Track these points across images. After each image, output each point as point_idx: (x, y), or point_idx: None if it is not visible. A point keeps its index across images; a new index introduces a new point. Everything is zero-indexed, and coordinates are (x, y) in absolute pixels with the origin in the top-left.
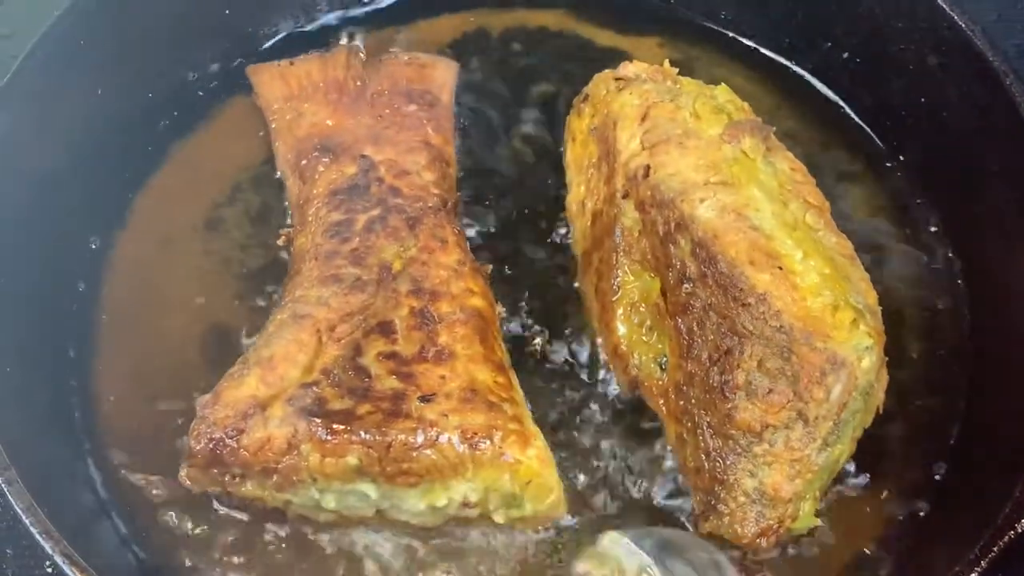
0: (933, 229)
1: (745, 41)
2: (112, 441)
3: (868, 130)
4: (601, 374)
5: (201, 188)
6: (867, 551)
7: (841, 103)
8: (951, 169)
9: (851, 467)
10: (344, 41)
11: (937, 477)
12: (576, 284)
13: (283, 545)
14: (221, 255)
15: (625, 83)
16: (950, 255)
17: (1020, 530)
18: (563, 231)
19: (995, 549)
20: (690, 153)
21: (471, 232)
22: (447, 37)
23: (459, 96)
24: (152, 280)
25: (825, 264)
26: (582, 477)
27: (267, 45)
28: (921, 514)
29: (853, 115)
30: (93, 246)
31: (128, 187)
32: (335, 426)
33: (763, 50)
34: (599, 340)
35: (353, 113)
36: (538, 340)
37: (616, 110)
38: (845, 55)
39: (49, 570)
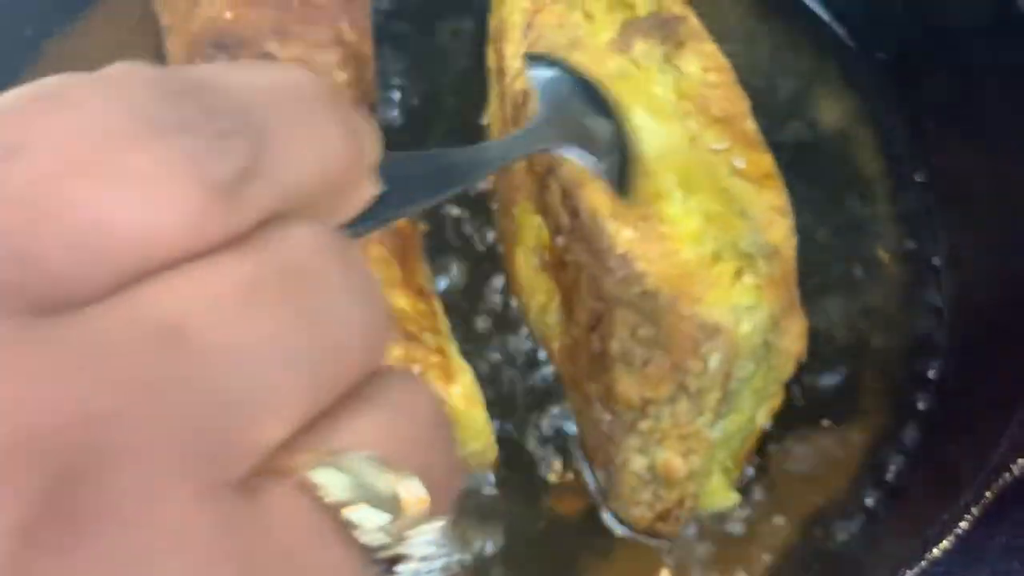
0: (907, 136)
1: None
2: None
3: (837, 29)
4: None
5: None
6: (825, 512)
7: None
8: (929, 69)
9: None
10: None
11: (913, 426)
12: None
13: None
14: None
15: None
16: (924, 166)
17: (1017, 473)
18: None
19: (987, 494)
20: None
21: (386, 141)
22: None
23: None
24: None
25: (714, 199)
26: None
27: None
28: (892, 467)
29: (821, 11)
30: None
31: None
32: None
33: None
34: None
35: (256, 5)
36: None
37: (506, 17)
38: None
39: None
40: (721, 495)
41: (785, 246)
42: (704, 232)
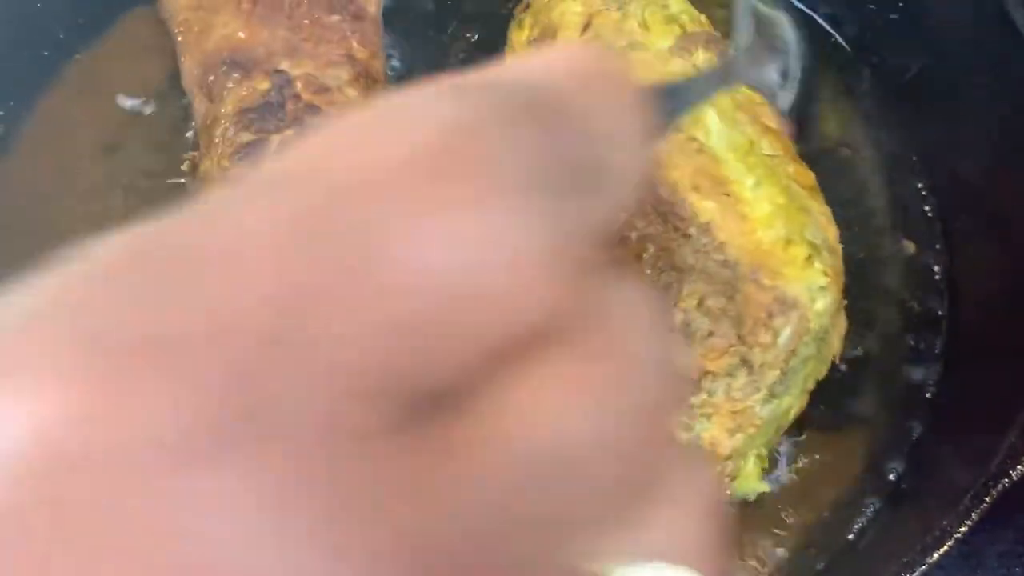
0: (908, 146)
1: None
2: None
3: (839, 39)
4: None
5: (99, 110)
6: (829, 515)
7: (810, 10)
8: (928, 80)
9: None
10: None
11: (913, 433)
12: None
13: None
14: (122, 183)
15: None
16: (924, 181)
17: (1016, 479)
18: None
19: (987, 499)
20: (635, 66)
21: None
22: None
23: (387, 6)
24: (46, 211)
25: (780, 193)
26: None
27: None
28: (893, 475)
29: (823, 22)
30: None
31: (16, 110)
32: None
33: None
34: None
35: (268, 24)
36: None
37: (556, 19)
38: None
39: None
40: (753, 481)
41: (838, 249)
42: (775, 217)
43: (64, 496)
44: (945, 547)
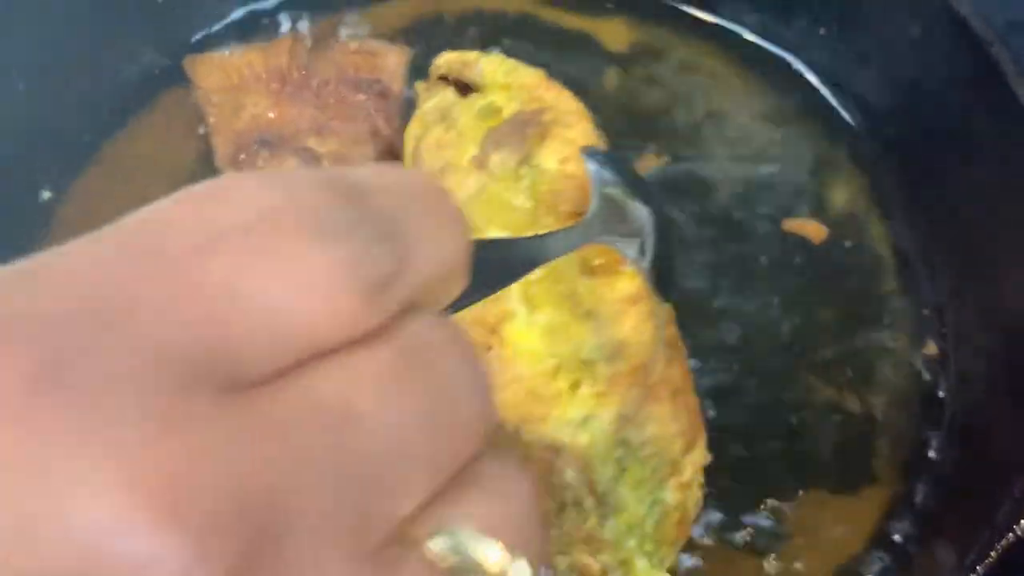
0: (914, 217)
1: (715, 19)
2: None
3: (844, 114)
4: None
5: (135, 188)
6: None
7: (818, 84)
8: (935, 154)
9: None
10: (288, 27)
11: (918, 495)
12: None
13: None
14: None
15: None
16: (932, 249)
17: (1020, 533)
18: None
19: (992, 554)
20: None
21: None
22: (399, 23)
23: (410, 86)
24: None
25: (559, 308)
26: None
27: (205, 34)
28: (902, 531)
29: (830, 96)
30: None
31: (54, 190)
32: None
33: (733, 27)
34: None
35: (296, 104)
36: None
37: (404, 143)
38: (822, 31)
39: None
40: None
41: (636, 336)
42: (545, 348)
43: None
44: None
